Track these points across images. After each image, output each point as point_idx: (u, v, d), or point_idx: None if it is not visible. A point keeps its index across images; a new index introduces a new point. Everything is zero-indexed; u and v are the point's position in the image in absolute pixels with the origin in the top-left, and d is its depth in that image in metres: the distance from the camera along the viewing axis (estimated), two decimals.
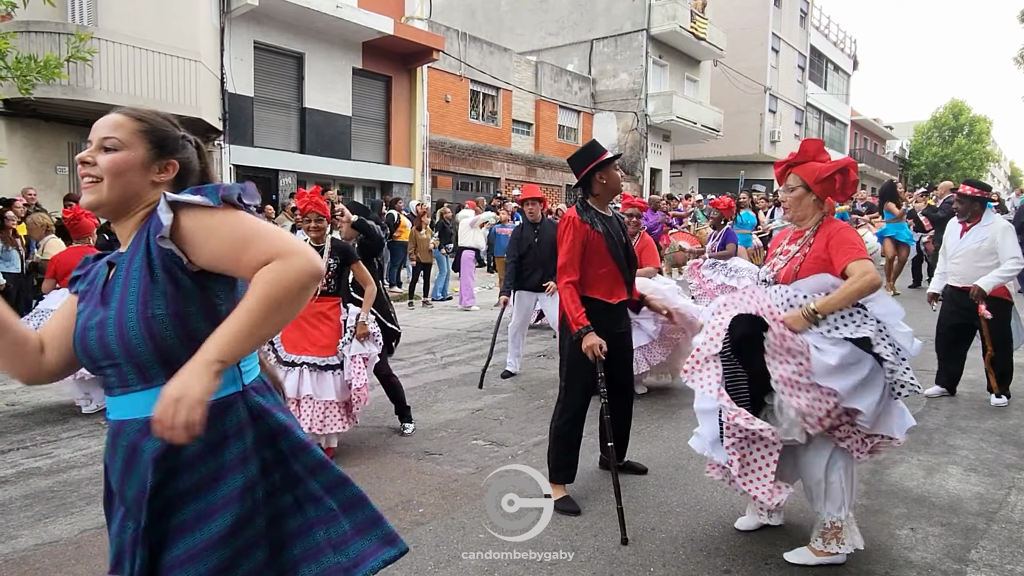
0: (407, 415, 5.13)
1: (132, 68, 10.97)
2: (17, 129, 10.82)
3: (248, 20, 13.82)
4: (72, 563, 3.21)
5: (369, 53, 16.21)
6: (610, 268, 3.70)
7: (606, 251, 3.67)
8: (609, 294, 3.72)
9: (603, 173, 3.75)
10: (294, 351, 4.38)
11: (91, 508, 3.82)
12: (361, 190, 17.01)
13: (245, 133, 14.17)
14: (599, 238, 3.65)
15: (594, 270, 3.68)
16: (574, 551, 3.17)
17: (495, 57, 21.51)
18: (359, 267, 4.58)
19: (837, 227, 2.99)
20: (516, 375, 6.78)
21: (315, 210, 4.47)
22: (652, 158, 26.22)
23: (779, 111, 31.88)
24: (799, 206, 3.09)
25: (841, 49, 39.47)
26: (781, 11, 31.37)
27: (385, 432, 5.13)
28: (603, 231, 3.67)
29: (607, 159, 3.74)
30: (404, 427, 5.07)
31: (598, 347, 3.49)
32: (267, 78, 14.68)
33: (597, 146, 3.86)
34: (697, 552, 3.19)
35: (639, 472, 4.11)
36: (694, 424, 3.27)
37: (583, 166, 3.75)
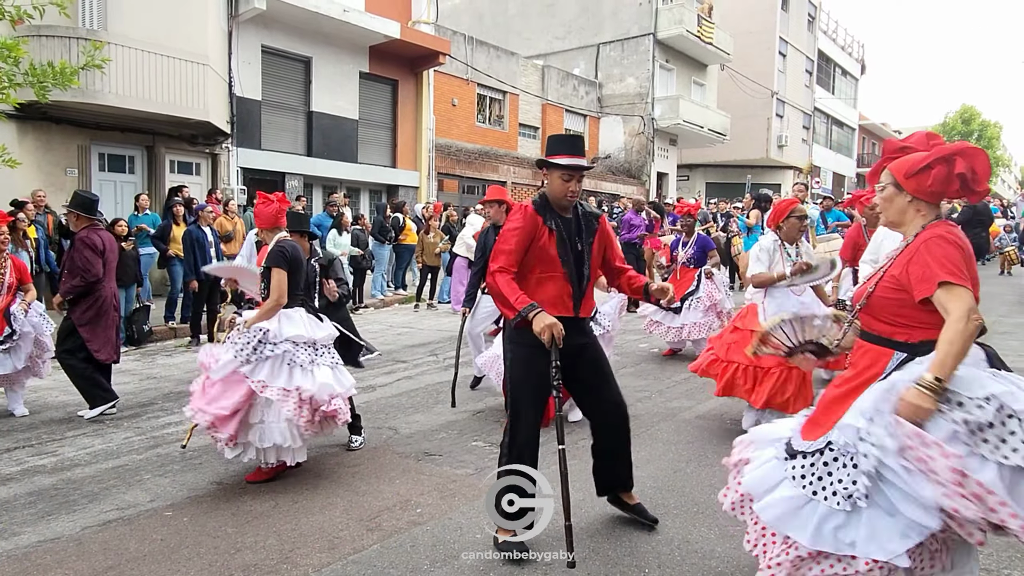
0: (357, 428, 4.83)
1: (142, 72, 11.05)
2: (28, 132, 10.92)
3: (256, 24, 13.90)
4: (73, 559, 3.25)
5: (376, 57, 16.26)
6: (555, 276, 3.20)
7: (555, 255, 3.18)
8: (548, 305, 3.12)
9: (547, 173, 3.25)
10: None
11: (93, 506, 3.87)
12: (367, 193, 17.06)
13: (253, 136, 14.24)
14: (550, 237, 3.19)
15: (536, 273, 3.20)
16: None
17: (502, 61, 21.55)
18: (274, 273, 4.13)
19: (930, 235, 2.27)
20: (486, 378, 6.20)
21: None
22: (659, 162, 26.19)
23: (786, 115, 31.79)
24: (890, 209, 2.43)
25: (849, 53, 39.34)
26: (788, 15, 31.31)
27: (385, 432, 5.16)
28: (555, 228, 3.20)
29: (553, 163, 3.19)
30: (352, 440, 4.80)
31: (557, 327, 2.94)
32: (275, 82, 14.74)
33: (560, 142, 3.28)
34: (692, 554, 3.20)
35: (649, 523, 3.45)
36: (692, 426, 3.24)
37: (545, 155, 3.28)
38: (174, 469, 4.45)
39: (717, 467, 4.32)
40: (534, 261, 3.19)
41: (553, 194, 3.25)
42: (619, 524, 3.52)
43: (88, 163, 11.85)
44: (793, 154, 32.13)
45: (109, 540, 3.45)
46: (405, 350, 8.49)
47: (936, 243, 2.23)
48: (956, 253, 2.21)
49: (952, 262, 2.19)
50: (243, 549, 3.31)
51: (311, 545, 3.34)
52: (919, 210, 2.36)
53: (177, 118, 11.95)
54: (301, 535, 3.45)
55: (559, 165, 3.18)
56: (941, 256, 2.20)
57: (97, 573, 3.11)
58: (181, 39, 11.60)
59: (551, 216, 3.23)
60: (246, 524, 3.59)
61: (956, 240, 2.24)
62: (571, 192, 3.22)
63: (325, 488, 4.07)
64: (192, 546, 3.35)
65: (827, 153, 36.98)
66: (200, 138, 13.13)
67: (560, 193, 3.22)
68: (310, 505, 3.82)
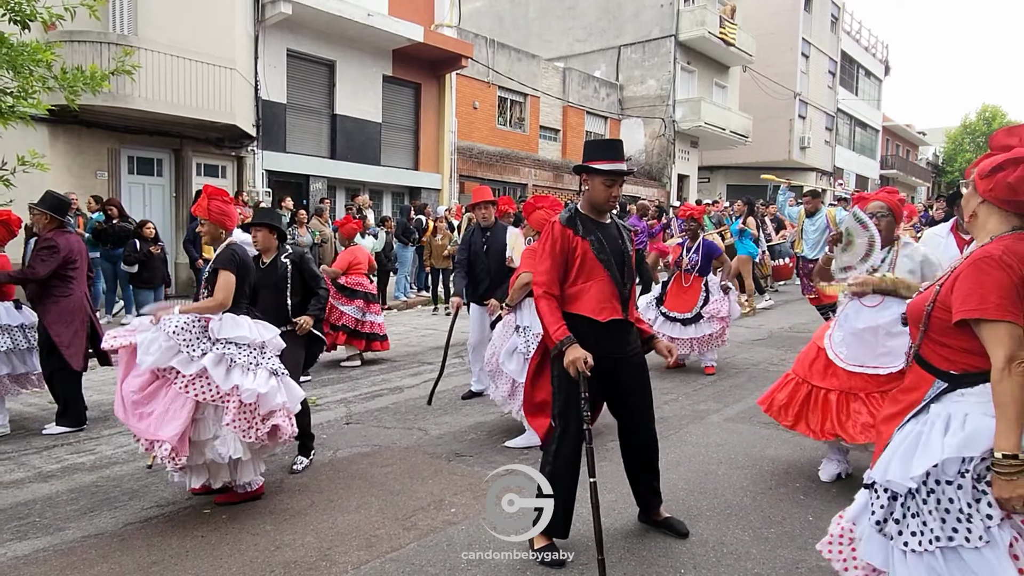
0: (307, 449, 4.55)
1: (170, 76, 11.23)
2: (60, 135, 11.12)
3: (281, 28, 14.06)
4: (118, 554, 3.32)
5: (399, 60, 16.38)
6: (598, 281, 3.17)
7: (594, 260, 3.17)
8: (596, 311, 3.16)
9: (588, 178, 3.22)
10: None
11: (134, 503, 3.95)
12: (390, 195, 17.19)
13: (277, 139, 14.40)
14: (585, 246, 3.17)
15: (579, 282, 3.19)
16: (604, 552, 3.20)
17: (523, 63, 21.60)
18: (221, 275, 3.83)
19: (983, 254, 1.98)
20: (482, 394, 6.02)
21: (197, 213, 4.07)
22: (679, 164, 26.10)
23: (809, 117, 31.55)
24: (965, 211, 2.17)
25: (873, 54, 38.97)
26: (811, 16, 31.08)
27: (415, 433, 5.21)
28: (589, 237, 3.18)
29: (595, 168, 3.16)
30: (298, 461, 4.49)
31: (582, 361, 2.95)
32: (299, 85, 14.89)
33: (601, 147, 3.23)
34: (727, 556, 3.21)
35: (680, 535, 3.40)
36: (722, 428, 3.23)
37: (583, 160, 3.24)
38: None
39: (748, 469, 4.33)
40: (576, 271, 3.17)
41: (594, 200, 3.22)
42: (653, 526, 3.53)
43: (117, 166, 12.05)
44: (816, 156, 31.87)
45: (151, 536, 3.52)
46: (430, 352, 8.54)
47: (983, 265, 1.95)
48: (1005, 279, 1.91)
49: (998, 291, 1.90)
50: (282, 547, 3.36)
51: (348, 543, 3.39)
52: (990, 216, 2.06)
53: (204, 121, 12.12)
54: (338, 533, 3.50)
55: (601, 171, 3.15)
56: (985, 282, 1.93)
57: (142, 568, 3.18)
58: (209, 44, 11.77)
59: (584, 225, 3.20)
60: (284, 522, 3.65)
61: (1008, 262, 1.93)
62: (613, 198, 3.21)
63: (359, 488, 4.12)
64: (232, 543, 3.42)
65: (850, 155, 36.65)
66: (226, 141, 13.30)
67: (602, 199, 3.20)
68: (346, 504, 3.87)
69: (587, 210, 3.26)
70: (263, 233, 4.54)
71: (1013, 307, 1.90)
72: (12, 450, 4.93)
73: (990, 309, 1.90)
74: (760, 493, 3.96)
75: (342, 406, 6.03)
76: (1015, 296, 1.91)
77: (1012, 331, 1.89)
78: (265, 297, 4.44)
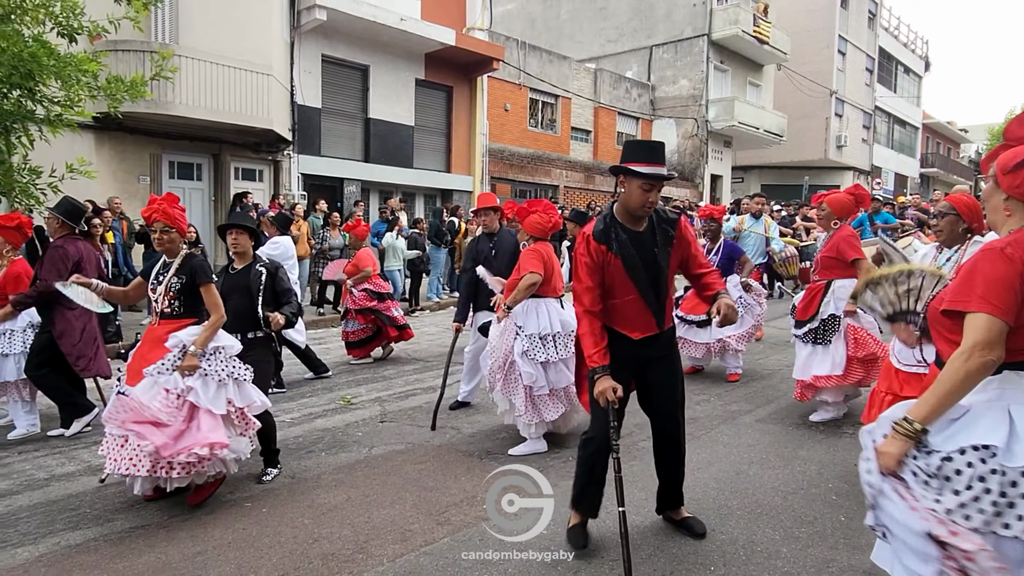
0: (273, 460, 4.41)
1: (210, 83, 11.54)
2: (105, 141, 11.50)
3: (317, 34, 14.33)
4: (163, 544, 3.46)
5: (431, 64, 16.57)
6: (631, 298, 3.09)
7: (625, 277, 3.06)
8: (630, 327, 3.13)
9: (626, 181, 3.05)
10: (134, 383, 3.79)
11: (176, 496, 4.09)
12: (422, 198, 17.38)
13: (313, 143, 14.68)
14: (617, 263, 3.05)
15: (611, 299, 3.12)
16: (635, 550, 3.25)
17: (554, 65, 21.66)
18: (208, 290, 3.92)
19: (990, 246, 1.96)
20: (470, 405, 6.01)
21: (162, 219, 3.91)
22: (712, 164, 25.90)
23: (846, 115, 31.04)
24: (989, 207, 2.10)
25: (912, 50, 38.18)
26: (848, 13, 30.59)
27: (449, 432, 5.29)
28: (622, 254, 3.05)
29: (633, 171, 2.99)
30: (267, 472, 4.34)
31: (610, 392, 2.92)
32: (334, 90, 15.17)
33: (641, 149, 3.06)
34: (757, 555, 3.22)
35: (696, 535, 3.39)
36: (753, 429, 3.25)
37: (620, 161, 3.08)
38: (248, 463, 4.64)
39: (780, 470, 4.33)
40: (609, 286, 3.10)
41: (630, 204, 3.05)
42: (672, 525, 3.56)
43: (159, 171, 12.41)
44: (853, 154, 31.36)
45: (194, 528, 3.65)
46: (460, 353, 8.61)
47: (989, 256, 1.91)
48: (1001, 271, 1.86)
49: (985, 283, 1.87)
50: (320, 539, 3.47)
51: (384, 537, 3.48)
52: (1011, 212, 2.00)
53: (242, 126, 12.42)
54: (374, 527, 3.59)
55: (640, 174, 2.97)
56: (980, 273, 1.90)
57: (187, 558, 3.30)
58: (247, 51, 12.06)
59: (617, 236, 3.06)
60: (321, 516, 3.75)
61: (1010, 254, 1.88)
62: (650, 203, 3.03)
63: (394, 484, 4.22)
64: (272, 535, 3.53)
65: (889, 153, 35.95)
66: (263, 145, 13.60)
67: (638, 204, 3.02)
68: (380, 499, 3.97)
69: (621, 216, 3.11)
70: (244, 236, 4.38)
71: (999, 300, 1.84)
72: (63, 445, 5.13)
73: (972, 301, 1.87)
74: (792, 493, 3.96)
75: (376, 405, 6.15)
76: (1007, 290, 1.85)
77: (990, 323, 1.84)
78: (235, 301, 4.23)
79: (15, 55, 5.41)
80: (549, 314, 4.82)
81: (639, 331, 3.13)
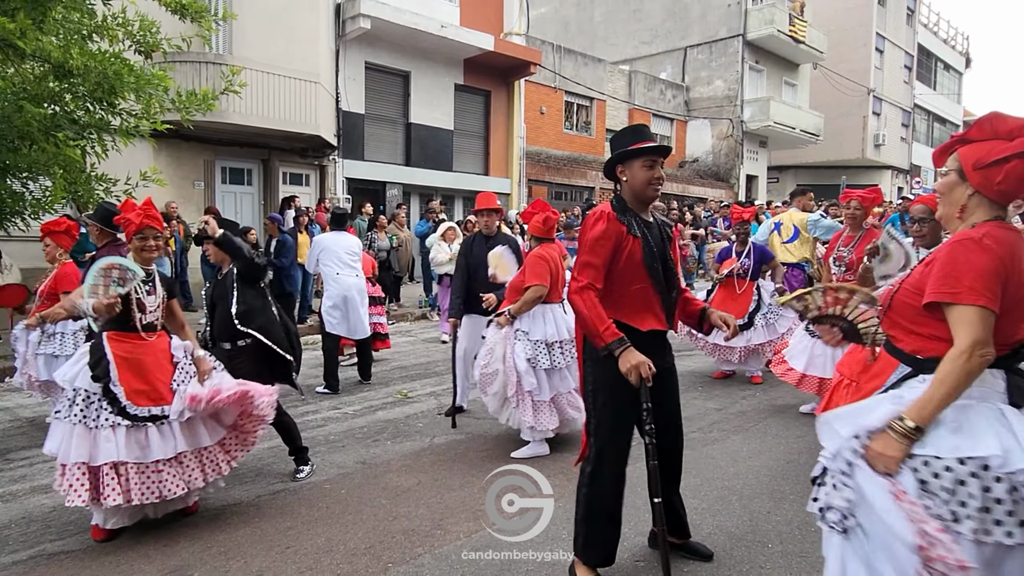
0: (303, 458, 4.47)
1: (261, 91, 11.99)
2: (162, 149, 11.98)
3: (360, 42, 14.75)
4: (256, 520, 3.76)
5: (470, 69, 16.90)
6: (643, 286, 2.84)
7: (640, 263, 2.82)
8: (638, 319, 2.85)
9: (625, 168, 2.91)
10: (150, 403, 3.50)
11: (260, 479, 4.41)
12: (461, 200, 17.70)
13: (356, 148, 15.10)
14: (636, 244, 2.82)
15: (623, 286, 2.84)
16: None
17: (589, 68, 21.87)
18: (175, 304, 3.90)
19: (964, 236, 1.91)
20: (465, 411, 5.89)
21: (152, 224, 3.71)
22: (748, 165, 25.86)
23: (884, 113, 30.72)
24: (946, 200, 2.04)
25: (952, 47, 37.56)
26: (886, 10, 30.27)
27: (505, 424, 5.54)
28: (641, 234, 2.85)
29: (630, 151, 2.85)
30: (299, 471, 4.41)
31: (645, 367, 2.62)
32: (377, 96, 15.58)
33: (629, 133, 2.95)
34: (812, 535, 3.42)
35: (704, 558, 3.18)
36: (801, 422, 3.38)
37: (612, 157, 2.96)
38: (321, 450, 4.96)
39: None
40: (620, 271, 2.83)
41: (635, 188, 2.88)
42: (739, 501, 3.76)
43: (212, 176, 12.91)
44: (891, 153, 31.02)
45: (283, 506, 3.96)
46: None
47: (966, 246, 1.86)
48: (988, 263, 1.82)
49: (972, 273, 1.82)
50: (399, 517, 3.75)
51: (457, 515, 3.74)
52: (978, 208, 1.95)
53: (291, 133, 12.86)
54: (447, 507, 3.86)
55: (640, 150, 2.84)
56: (964, 264, 1.84)
57: (280, 532, 3.61)
58: (296, 60, 12.50)
59: (633, 220, 2.87)
60: (397, 497, 4.03)
61: (992, 247, 1.84)
62: (655, 179, 2.86)
63: (460, 469, 4.49)
64: (354, 513, 3.82)
65: (928, 152, 35.35)
66: (310, 151, 14.04)
67: (643, 183, 2.85)
68: (450, 483, 4.24)
69: (632, 205, 2.93)
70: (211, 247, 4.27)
71: (988, 291, 1.82)
72: None
73: (963, 293, 1.83)
74: None
75: (432, 399, 6.43)
76: (993, 281, 1.83)
77: (984, 316, 1.82)
78: (221, 311, 4.24)
79: (100, 72, 5.80)
80: (555, 321, 4.82)
81: (648, 323, 2.86)
